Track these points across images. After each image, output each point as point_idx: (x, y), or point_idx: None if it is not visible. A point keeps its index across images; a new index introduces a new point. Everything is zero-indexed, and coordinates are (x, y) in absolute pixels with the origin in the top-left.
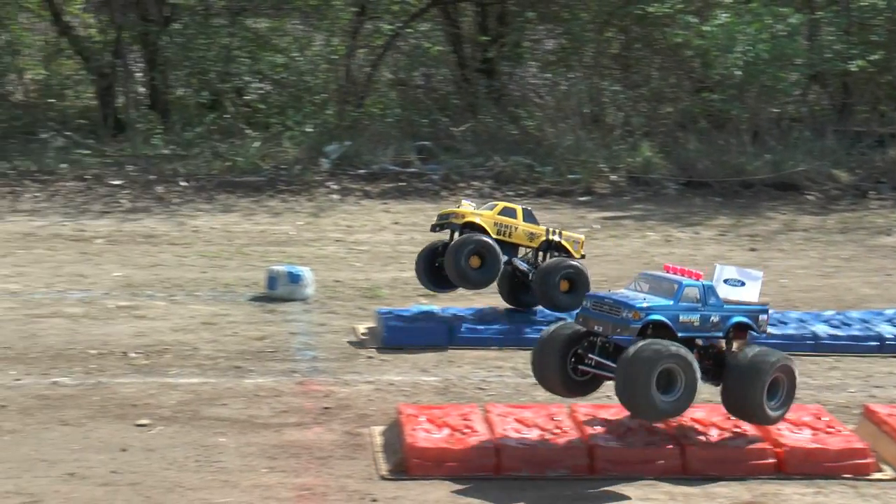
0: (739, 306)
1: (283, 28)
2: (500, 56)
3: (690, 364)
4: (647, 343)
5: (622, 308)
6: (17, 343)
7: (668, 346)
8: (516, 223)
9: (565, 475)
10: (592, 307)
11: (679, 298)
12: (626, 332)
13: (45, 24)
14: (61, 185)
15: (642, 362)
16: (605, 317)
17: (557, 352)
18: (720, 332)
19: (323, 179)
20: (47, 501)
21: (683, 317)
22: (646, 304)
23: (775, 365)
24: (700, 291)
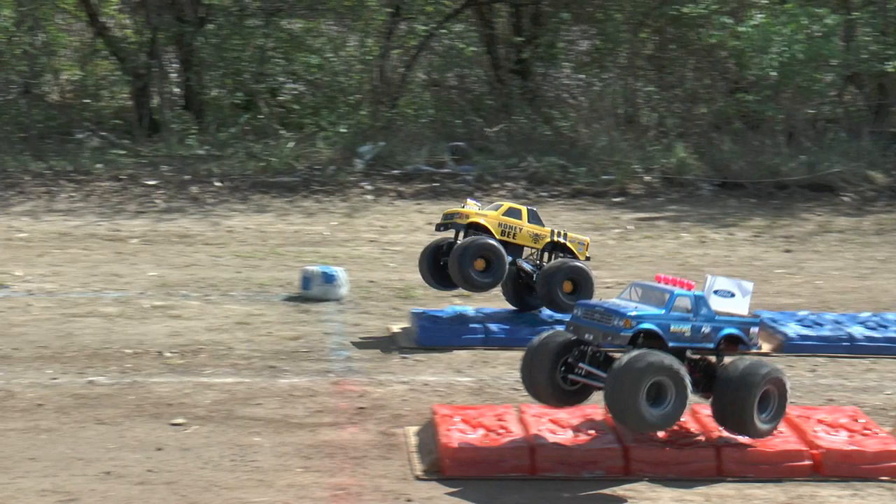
0: (731, 318)
1: (317, 29)
2: (535, 57)
3: (682, 377)
4: (638, 354)
5: (613, 316)
6: (53, 342)
7: (660, 358)
8: (521, 224)
9: (600, 476)
10: (583, 315)
11: (670, 308)
12: (617, 340)
13: (81, 25)
14: (97, 185)
15: (633, 373)
16: (595, 325)
17: (547, 361)
18: (711, 343)
19: (357, 180)
20: (84, 500)
21: (674, 326)
22: (637, 312)
23: (766, 377)
24: (692, 302)
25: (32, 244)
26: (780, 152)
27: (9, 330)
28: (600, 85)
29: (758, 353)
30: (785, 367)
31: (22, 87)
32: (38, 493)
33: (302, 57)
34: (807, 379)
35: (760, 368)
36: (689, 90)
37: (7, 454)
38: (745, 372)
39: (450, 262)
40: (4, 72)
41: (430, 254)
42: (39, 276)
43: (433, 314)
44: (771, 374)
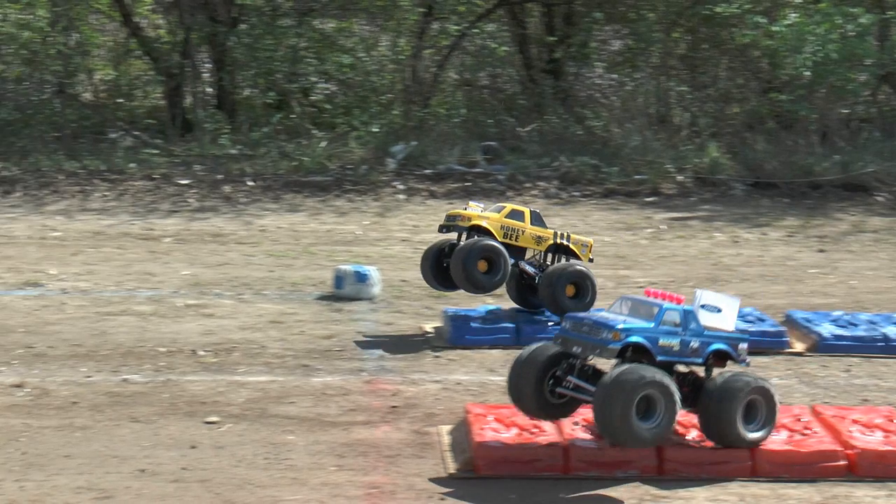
0: (720, 333)
1: (349, 29)
2: (567, 56)
3: (671, 391)
4: (628, 367)
5: (602, 329)
6: (87, 340)
7: (650, 372)
8: (524, 226)
9: (634, 476)
10: (572, 328)
11: (659, 322)
12: (606, 353)
13: (114, 25)
14: (130, 184)
15: (623, 387)
16: (584, 338)
17: (535, 374)
18: (699, 358)
19: (389, 179)
20: (118, 497)
21: (663, 340)
22: (626, 325)
23: (747, 387)
24: (681, 316)
25: (66, 243)
26: (814, 152)
27: (43, 328)
28: (633, 84)
29: (791, 352)
30: (819, 367)
31: (56, 86)
32: (73, 490)
33: (334, 57)
34: (841, 379)
35: (741, 379)
36: (721, 90)
37: (42, 451)
38: (726, 384)
39: (452, 264)
40: (39, 72)
41: (433, 255)
42: (73, 275)
43: (466, 313)
44: (752, 384)
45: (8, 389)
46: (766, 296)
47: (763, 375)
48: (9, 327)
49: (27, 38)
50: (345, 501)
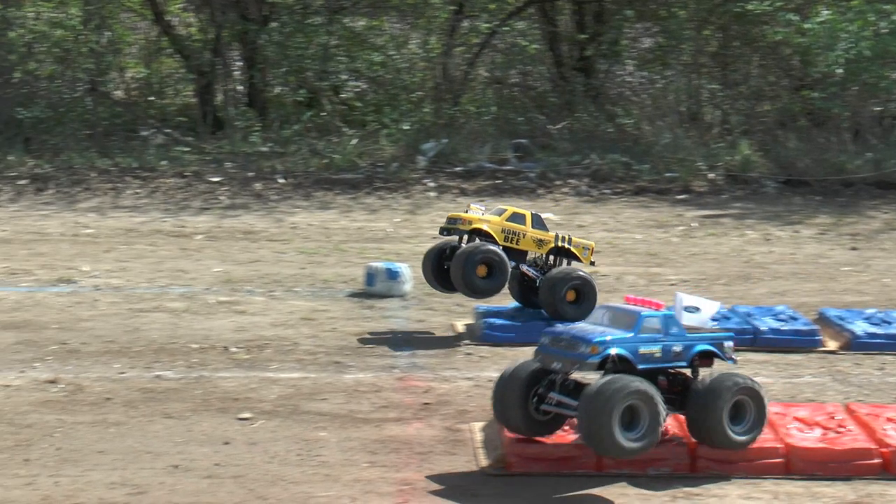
0: (703, 334)
1: (380, 26)
2: (598, 54)
3: (655, 401)
4: (609, 379)
5: (579, 343)
6: (120, 337)
7: (632, 382)
8: (525, 229)
9: (666, 473)
10: (550, 343)
11: (639, 330)
12: (585, 367)
13: (146, 23)
14: (161, 181)
15: (605, 399)
16: (562, 353)
17: (518, 392)
18: (683, 361)
19: (420, 177)
20: (152, 493)
21: (644, 348)
22: (604, 337)
23: (734, 388)
24: (661, 322)
25: (99, 240)
26: (846, 150)
27: (77, 324)
28: (663, 82)
29: (824, 351)
30: (852, 365)
31: (88, 84)
32: (107, 485)
33: (365, 54)
34: (875, 377)
35: (728, 379)
36: (753, 87)
37: (76, 447)
38: (713, 384)
39: (452, 268)
40: (71, 70)
41: (434, 257)
42: (106, 272)
43: (497, 310)
44: (740, 384)
45: (42, 385)
46: (798, 294)
47: (751, 376)
48: (42, 324)
49: (60, 36)
50: (377, 498)
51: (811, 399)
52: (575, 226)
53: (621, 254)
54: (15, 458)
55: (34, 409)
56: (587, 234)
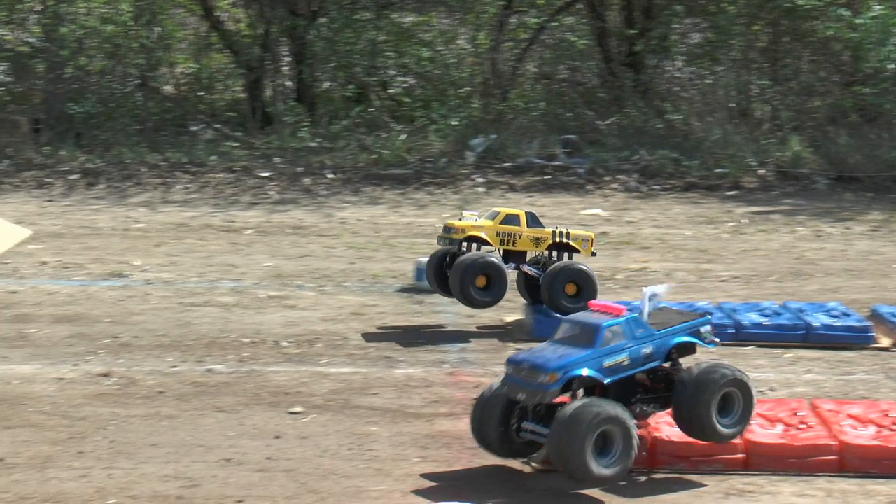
0: (675, 327)
1: (428, 22)
2: (647, 49)
3: (627, 426)
4: (580, 406)
5: (538, 373)
6: (172, 331)
7: (604, 408)
8: (520, 230)
9: (719, 470)
10: (514, 374)
11: (599, 344)
12: (547, 397)
13: (195, 19)
14: (211, 176)
15: (575, 427)
16: (525, 384)
17: (497, 418)
18: (658, 360)
19: (468, 172)
20: (205, 486)
21: (608, 361)
22: (561, 362)
23: (723, 380)
24: (624, 328)
25: (150, 234)
26: None
27: (129, 318)
28: (713, 78)
29: (877, 347)
30: None
31: (138, 79)
32: (160, 478)
33: (413, 50)
34: None
35: (717, 371)
36: (803, 83)
37: (130, 440)
38: (702, 376)
39: (451, 278)
40: (122, 65)
41: (436, 262)
42: (157, 266)
43: None
44: (730, 376)
45: (95, 378)
46: (850, 290)
47: (741, 368)
48: (95, 317)
49: (110, 31)
50: (429, 493)
51: (864, 396)
52: (624, 222)
53: (671, 250)
54: (69, 450)
55: (87, 401)
56: (636, 231)
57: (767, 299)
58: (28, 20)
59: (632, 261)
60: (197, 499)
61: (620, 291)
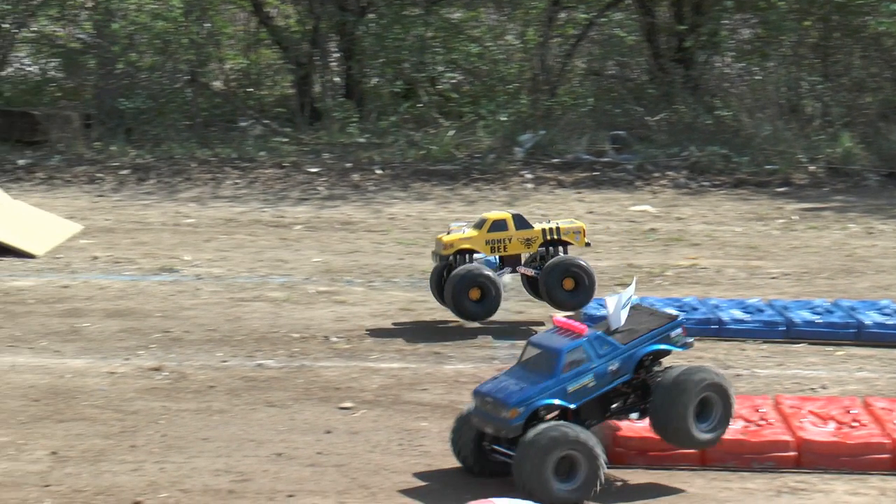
0: (644, 336)
1: (477, 18)
2: (697, 45)
3: (592, 449)
4: (542, 430)
5: (500, 408)
6: (222, 325)
7: (566, 432)
8: (509, 234)
9: (771, 467)
10: (480, 406)
11: (560, 370)
12: (511, 432)
13: (245, 15)
14: (260, 172)
15: (537, 452)
16: (490, 417)
17: (472, 437)
18: (627, 375)
19: (517, 168)
20: (256, 480)
21: (572, 386)
22: (521, 396)
23: (702, 383)
24: (587, 348)
25: (200, 230)
26: None
27: (179, 313)
28: (763, 74)
29: None
30: None
31: (188, 75)
32: (211, 472)
33: (461, 46)
34: None
35: (695, 374)
36: (855, 79)
37: (181, 434)
38: (679, 379)
39: (445, 291)
40: (172, 61)
41: (437, 276)
42: (207, 261)
43: (598, 303)
44: (708, 379)
45: (147, 373)
46: None
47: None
48: (146, 312)
49: (161, 27)
50: (479, 488)
51: None
52: (674, 218)
53: (721, 247)
54: (122, 444)
55: (139, 395)
56: (686, 227)
57: (819, 297)
58: (79, 16)
59: (681, 257)
60: (248, 493)
61: (670, 288)
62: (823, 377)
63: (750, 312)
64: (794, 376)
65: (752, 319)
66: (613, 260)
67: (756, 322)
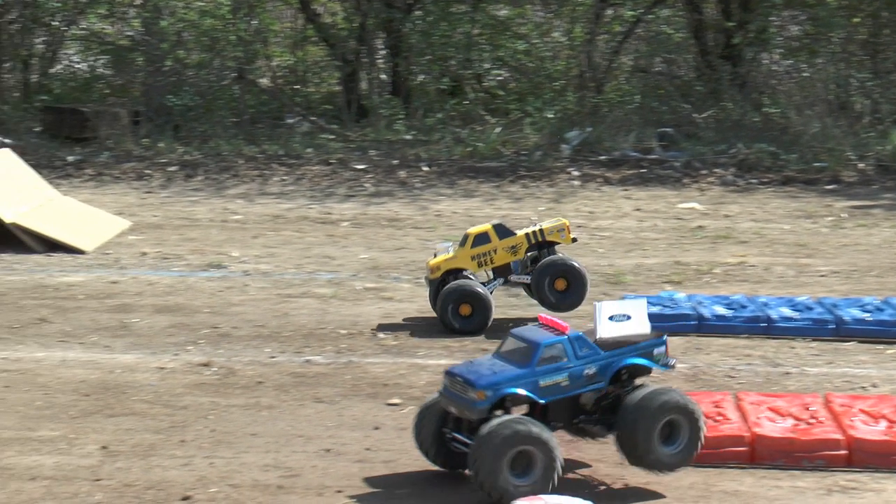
0: (626, 348)
1: (523, 14)
2: (744, 42)
3: (550, 446)
4: (499, 424)
5: (468, 388)
6: (270, 321)
7: (525, 427)
8: (493, 246)
9: (821, 466)
10: (449, 386)
11: (536, 363)
12: (475, 413)
13: (292, 12)
14: (307, 168)
15: (493, 443)
16: (457, 397)
17: (433, 427)
18: (602, 382)
19: (564, 165)
20: (305, 476)
21: (545, 381)
22: (493, 379)
23: (666, 406)
24: (566, 347)
25: (247, 226)
26: None
27: (228, 309)
28: (811, 71)
29: None
30: None
31: (236, 72)
32: (260, 467)
33: (508, 43)
34: None
35: (660, 396)
36: None
37: (230, 429)
38: (643, 401)
39: (436, 308)
40: (220, 58)
41: (435, 290)
42: (255, 258)
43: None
44: (672, 402)
45: (196, 368)
46: None
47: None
48: (195, 308)
49: (209, 24)
50: None
51: None
52: (721, 215)
53: (769, 244)
54: (171, 438)
55: (188, 391)
56: (733, 225)
57: (868, 295)
58: (128, 14)
59: (729, 255)
60: (297, 488)
61: (718, 286)
62: (874, 375)
63: (799, 310)
64: (843, 374)
65: (802, 317)
66: (661, 257)
67: (805, 320)
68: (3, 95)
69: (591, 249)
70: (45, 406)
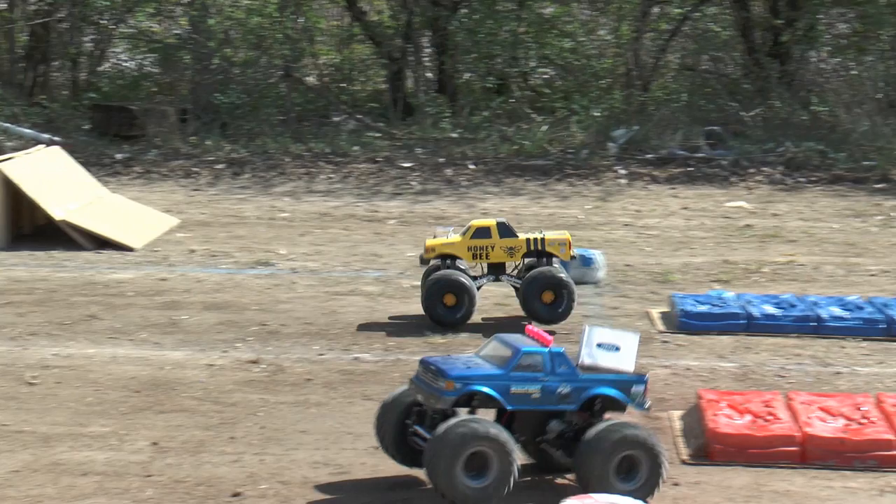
0: (605, 376)
1: (569, 13)
2: (792, 40)
3: (506, 448)
4: (458, 422)
5: (439, 377)
6: (318, 319)
7: (483, 427)
8: (492, 242)
9: (873, 466)
10: (421, 374)
11: (512, 367)
12: (440, 403)
13: (338, 10)
14: (354, 166)
15: (448, 443)
16: (426, 385)
17: (394, 421)
18: (572, 404)
19: (610, 164)
20: (354, 473)
21: (517, 387)
22: (465, 373)
23: (623, 441)
24: (545, 359)
25: (294, 224)
26: None
27: (276, 306)
28: (860, 68)
29: None
30: None
31: (282, 70)
32: (310, 464)
33: (554, 41)
34: None
35: (617, 431)
36: None
37: (279, 426)
38: (598, 436)
39: (421, 298)
40: (267, 56)
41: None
42: (302, 255)
43: (695, 299)
44: (630, 437)
45: (245, 365)
46: None
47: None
48: (243, 305)
49: (256, 23)
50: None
51: None
52: (769, 214)
53: (818, 243)
54: (221, 435)
55: (238, 388)
56: (782, 223)
57: None
58: (175, 12)
59: (778, 254)
60: (347, 486)
61: (767, 285)
62: None
63: (849, 310)
64: (895, 374)
65: (852, 317)
66: (709, 256)
67: (856, 319)
68: (52, 93)
69: (637, 248)
70: (96, 402)
